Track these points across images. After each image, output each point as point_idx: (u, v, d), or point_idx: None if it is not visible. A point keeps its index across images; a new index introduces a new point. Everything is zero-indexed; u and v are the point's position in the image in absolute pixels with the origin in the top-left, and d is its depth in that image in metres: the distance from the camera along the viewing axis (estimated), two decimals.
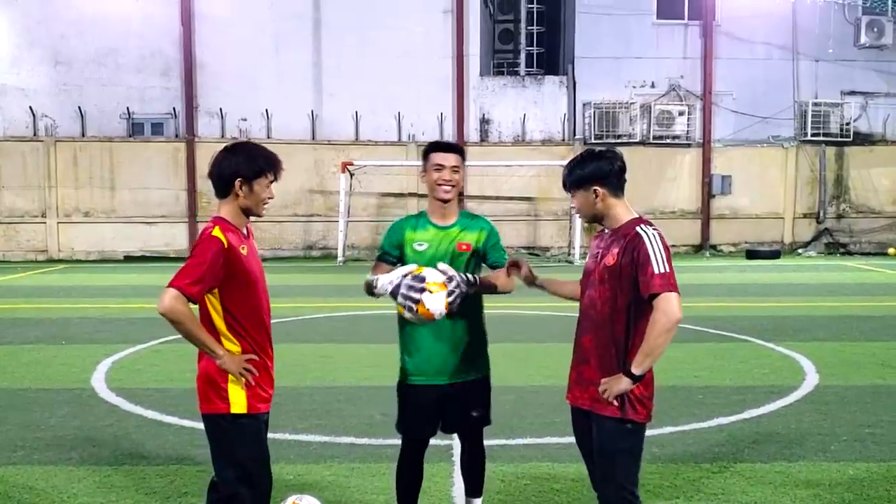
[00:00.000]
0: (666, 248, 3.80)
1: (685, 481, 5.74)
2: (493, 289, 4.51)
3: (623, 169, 3.97)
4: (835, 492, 5.54)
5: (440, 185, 4.52)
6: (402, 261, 4.57)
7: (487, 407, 4.73)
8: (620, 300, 3.81)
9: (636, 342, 3.78)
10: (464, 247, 4.54)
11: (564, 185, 4.02)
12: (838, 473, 5.90)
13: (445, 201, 4.55)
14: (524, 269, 4.44)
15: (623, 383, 3.76)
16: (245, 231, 4.06)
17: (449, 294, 4.19)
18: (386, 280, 4.29)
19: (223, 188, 3.95)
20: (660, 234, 3.83)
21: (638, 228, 3.83)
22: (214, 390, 3.92)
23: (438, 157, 4.53)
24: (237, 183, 3.91)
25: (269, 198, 4.01)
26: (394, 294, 4.23)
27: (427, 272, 4.26)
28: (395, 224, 4.71)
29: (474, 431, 4.78)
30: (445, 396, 4.56)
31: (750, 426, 7.12)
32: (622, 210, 3.94)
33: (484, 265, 4.69)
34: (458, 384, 4.56)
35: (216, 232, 3.85)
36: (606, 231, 4.00)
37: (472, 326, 4.60)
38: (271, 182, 4.00)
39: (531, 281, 4.46)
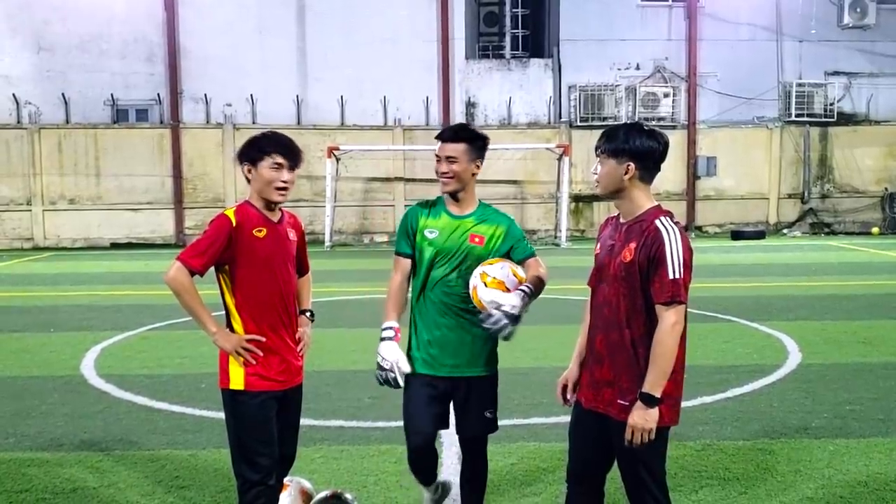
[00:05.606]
0: (686, 247, 3.54)
1: (669, 459, 5.76)
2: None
3: (664, 157, 3.69)
4: (815, 468, 5.64)
5: (439, 176, 4.26)
6: (414, 248, 4.33)
7: (496, 409, 4.41)
8: (639, 300, 3.58)
9: (650, 343, 3.56)
10: (476, 239, 4.23)
11: (597, 148, 3.72)
12: (819, 450, 6.01)
13: (448, 193, 4.27)
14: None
15: (649, 416, 3.51)
16: (275, 217, 4.15)
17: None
18: (384, 354, 4.20)
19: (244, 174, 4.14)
20: (681, 231, 3.58)
21: (657, 222, 3.57)
22: (221, 365, 4.08)
23: (438, 148, 4.24)
24: (245, 168, 4.07)
25: (281, 181, 4.03)
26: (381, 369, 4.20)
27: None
28: (411, 209, 4.45)
29: (480, 440, 4.47)
30: (453, 391, 4.35)
31: (733, 405, 7.23)
32: (644, 196, 3.67)
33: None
34: (465, 379, 4.34)
35: (228, 211, 4.04)
36: (622, 220, 3.73)
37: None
38: (279, 166, 4.03)
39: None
